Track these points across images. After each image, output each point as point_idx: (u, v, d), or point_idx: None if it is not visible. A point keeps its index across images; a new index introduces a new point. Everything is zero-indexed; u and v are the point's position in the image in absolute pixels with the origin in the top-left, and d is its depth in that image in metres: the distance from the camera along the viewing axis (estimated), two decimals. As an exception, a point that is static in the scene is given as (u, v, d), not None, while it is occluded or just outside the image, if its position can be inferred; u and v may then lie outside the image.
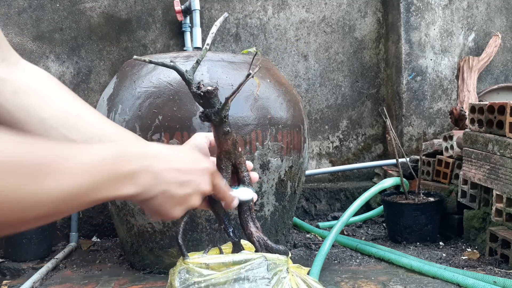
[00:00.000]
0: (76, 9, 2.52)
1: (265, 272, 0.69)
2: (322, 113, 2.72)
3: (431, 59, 2.59)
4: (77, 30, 2.52)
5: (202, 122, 1.14)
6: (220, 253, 0.78)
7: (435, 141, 2.32)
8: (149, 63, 0.74)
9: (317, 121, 2.72)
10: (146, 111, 1.62)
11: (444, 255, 1.88)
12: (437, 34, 2.58)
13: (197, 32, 2.43)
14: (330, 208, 2.60)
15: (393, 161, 2.46)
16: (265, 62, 1.87)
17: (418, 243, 2.03)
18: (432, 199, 2.07)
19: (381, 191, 2.15)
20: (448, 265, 1.73)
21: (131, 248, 1.80)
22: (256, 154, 1.65)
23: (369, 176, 2.76)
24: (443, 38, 2.59)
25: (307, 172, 2.48)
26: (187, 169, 0.64)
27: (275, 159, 1.70)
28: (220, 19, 0.77)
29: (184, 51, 2.47)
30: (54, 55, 2.50)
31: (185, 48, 2.52)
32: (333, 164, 2.74)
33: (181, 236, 0.74)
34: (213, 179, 0.69)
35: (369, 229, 2.34)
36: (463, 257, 1.84)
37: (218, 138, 0.77)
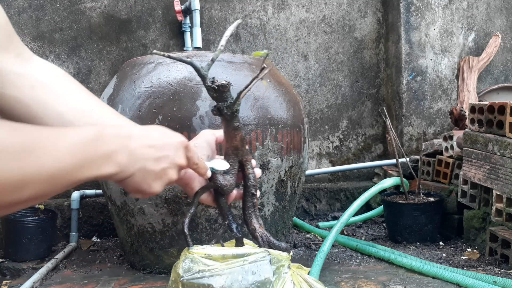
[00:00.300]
0: (76, 9, 2.52)
1: (268, 265, 0.70)
2: (322, 113, 2.72)
3: (431, 59, 2.59)
4: (77, 30, 2.52)
5: (213, 116, 1.15)
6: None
7: (435, 141, 2.32)
8: (168, 57, 0.78)
9: (317, 121, 2.72)
10: (146, 111, 1.62)
11: (444, 255, 1.88)
12: (437, 34, 2.58)
13: (197, 32, 2.43)
14: (330, 208, 2.61)
15: (393, 161, 2.46)
16: (265, 62, 1.87)
17: (418, 243, 2.03)
18: (432, 199, 2.07)
19: (381, 191, 2.15)
20: (448, 265, 1.73)
21: (131, 248, 1.80)
22: (256, 154, 1.65)
23: (369, 176, 2.76)
24: (443, 38, 2.59)
25: (307, 172, 2.48)
26: (161, 144, 0.66)
27: (275, 159, 1.70)
28: (234, 23, 0.81)
29: (184, 51, 2.47)
30: (54, 55, 2.50)
31: (185, 48, 2.52)
32: (333, 164, 2.74)
33: (187, 226, 0.77)
34: (186, 152, 0.71)
35: (369, 229, 2.34)
36: (463, 257, 1.84)
37: (228, 133, 0.79)
